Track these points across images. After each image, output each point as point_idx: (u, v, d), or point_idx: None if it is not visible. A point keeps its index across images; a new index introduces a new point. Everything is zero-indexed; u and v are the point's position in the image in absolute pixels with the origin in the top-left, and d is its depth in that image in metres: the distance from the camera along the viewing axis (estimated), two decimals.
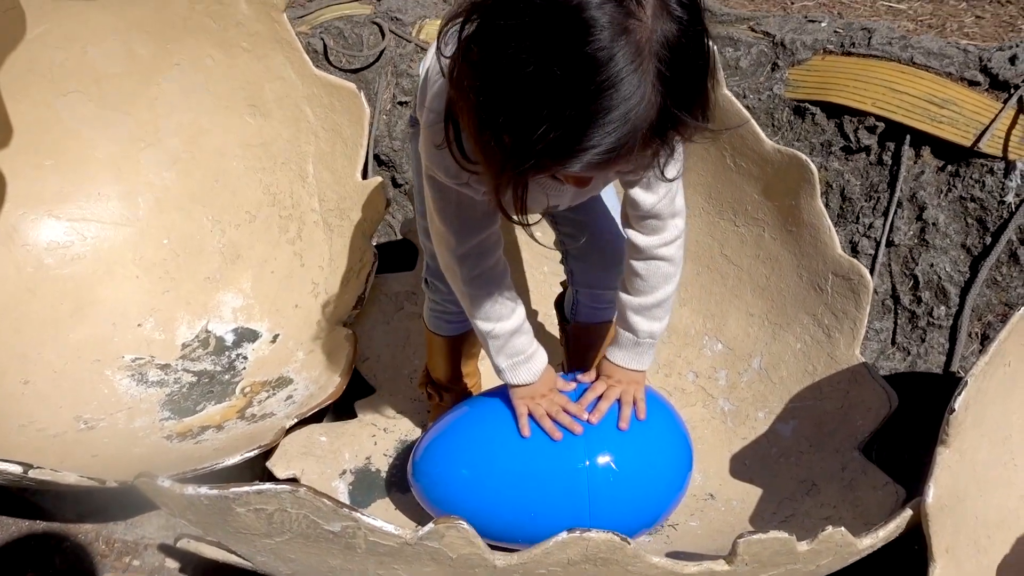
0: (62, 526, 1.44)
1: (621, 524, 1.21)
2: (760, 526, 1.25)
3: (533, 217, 0.95)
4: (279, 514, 0.82)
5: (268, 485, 0.80)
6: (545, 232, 1.37)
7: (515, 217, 0.84)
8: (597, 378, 1.21)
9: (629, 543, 0.85)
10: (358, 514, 0.81)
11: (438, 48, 0.83)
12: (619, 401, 1.18)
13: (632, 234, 1.11)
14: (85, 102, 1.65)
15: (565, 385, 1.21)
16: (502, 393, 1.21)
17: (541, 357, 1.18)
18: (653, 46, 0.73)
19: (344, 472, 1.38)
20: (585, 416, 1.16)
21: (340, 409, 1.53)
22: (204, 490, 0.81)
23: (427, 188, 1.05)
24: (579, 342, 1.41)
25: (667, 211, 1.08)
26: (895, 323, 1.62)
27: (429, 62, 1.02)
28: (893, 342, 1.62)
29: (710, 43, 0.78)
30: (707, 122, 0.81)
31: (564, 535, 0.84)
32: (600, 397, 1.18)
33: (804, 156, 1.30)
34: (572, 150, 0.75)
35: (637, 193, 1.05)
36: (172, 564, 1.41)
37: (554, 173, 0.81)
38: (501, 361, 1.16)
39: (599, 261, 1.30)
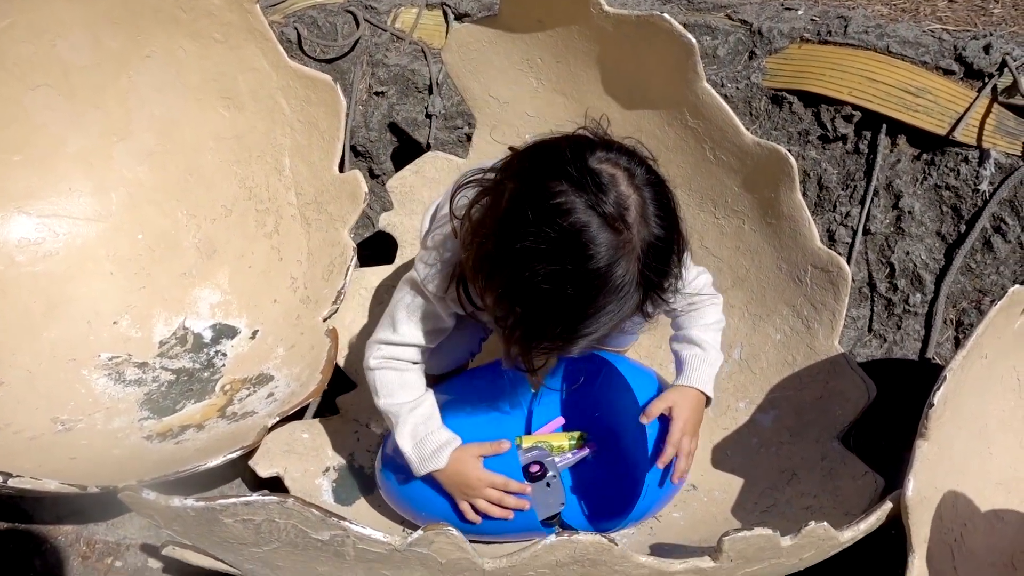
0: (41, 528, 1.42)
1: (596, 514, 1.23)
2: (742, 516, 1.26)
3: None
4: (267, 524, 0.81)
5: (255, 496, 0.80)
6: None
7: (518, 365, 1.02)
8: (666, 418, 1.17)
9: (616, 544, 0.85)
10: (347, 523, 0.81)
11: (451, 210, 1.05)
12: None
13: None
14: (54, 96, 1.61)
15: (496, 448, 1.17)
16: (468, 385, 1.21)
17: (450, 441, 1.16)
18: (637, 252, 0.93)
19: (328, 469, 1.38)
20: (527, 489, 1.16)
21: (322, 405, 1.52)
22: (190, 502, 0.80)
23: (403, 287, 1.15)
24: None
25: (697, 268, 1.25)
26: (872, 310, 1.64)
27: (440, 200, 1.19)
28: (870, 329, 1.64)
29: (681, 233, 0.99)
30: (676, 292, 1.03)
31: (552, 538, 0.85)
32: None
33: (783, 149, 1.30)
34: (572, 339, 0.95)
35: None
36: (155, 564, 1.40)
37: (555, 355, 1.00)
38: (406, 444, 1.15)
39: None
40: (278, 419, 1.34)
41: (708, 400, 1.22)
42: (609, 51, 1.40)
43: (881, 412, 1.43)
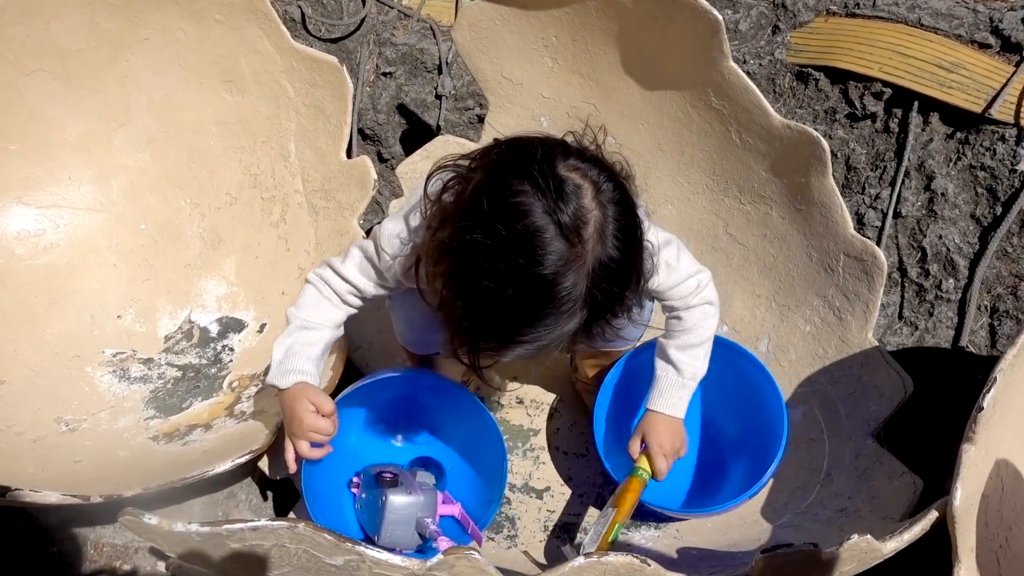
0: (48, 531, 1.38)
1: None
2: (772, 518, 1.21)
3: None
4: (277, 549, 0.76)
5: (264, 522, 0.75)
6: None
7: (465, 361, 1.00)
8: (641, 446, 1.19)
9: (649, 565, 0.80)
10: (362, 547, 0.76)
11: (424, 191, 1.02)
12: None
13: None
14: (50, 81, 1.55)
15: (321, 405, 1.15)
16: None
17: (307, 374, 1.14)
18: (588, 270, 0.89)
19: None
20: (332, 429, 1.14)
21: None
22: (195, 527, 0.75)
23: (372, 238, 1.13)
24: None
25: (691, 271, 1.15)
26: (902, 297, 1.58)
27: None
28: (900, 316, 1.57)
29: (640, 260, 0.96)
30: (630, 312, 0.98)
31: (581, 559, 0.80)
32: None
33: (815, 132, 1.23)
34: (507, 344, 0.94)
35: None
36: (163, 569, 1.36)
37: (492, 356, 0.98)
38: (277, 351, 1.15)
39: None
40: None
41: None
42: (628, 29, 1.33)
43: (913, 403, 1.37)
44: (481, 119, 1.86)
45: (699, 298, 1.15)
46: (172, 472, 1.21)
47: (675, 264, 1.12)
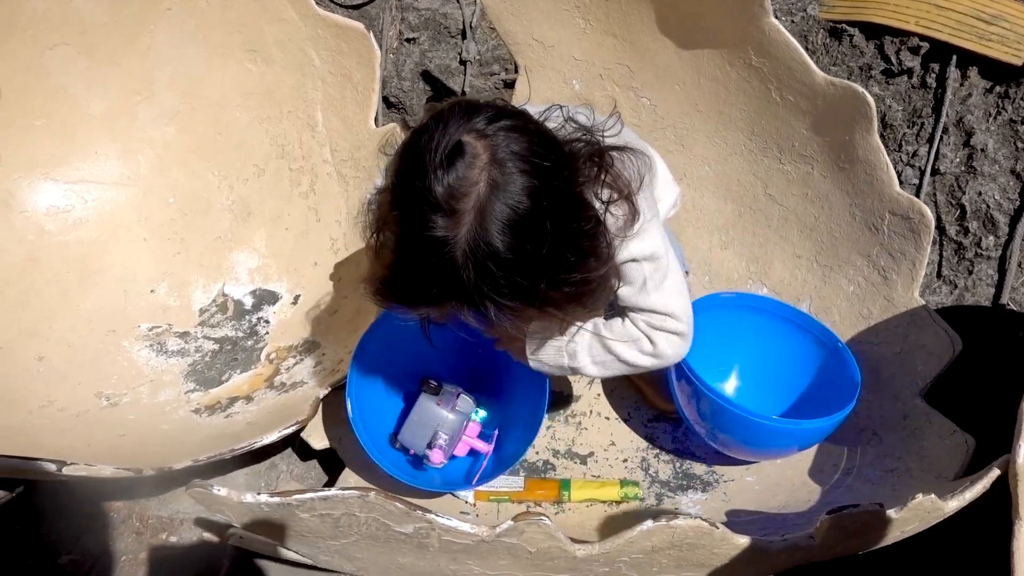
0: (91, 506, 1.39)
1: None
2: (821, 480, 1.21)
3: None
4: (346, 518, 0.76)
5: (335, 491, 0.74)
6: None
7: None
8: None
9: (718, 527, 0.80)
10: (432, 515, 0.76)
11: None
12: None
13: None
14: (73, 55, 1.53)
15: None
16: None
17: None
18: (464, 248, 0.82)
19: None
20: None
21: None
22: (264, 498, 0.75)
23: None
24: None
25: (667, 307, 1.04)
26: (940, 255, 1.56)
27: None
28: (939, 275, 1.56)
29: (532, 256, 0.84)
30: (530, 302, 0.87)
31: (649, 523, 0.79)
32: None
33: (860, 88, 1.21)
34: (410, 302, 0.89)
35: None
36: (210, 538, 1.37)
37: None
38: None
39: None
40: (329, 389, 1.29)
41: None
42: None
43: (954, 362, 1.36)
44: (508, 84, 1.84)
45: (659, 336, 1.05)
46: (218, 444, 1.20)
47: (651, 288, 1.02)
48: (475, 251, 0.82)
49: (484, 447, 1.25)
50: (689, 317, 1.05)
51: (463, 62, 1.81)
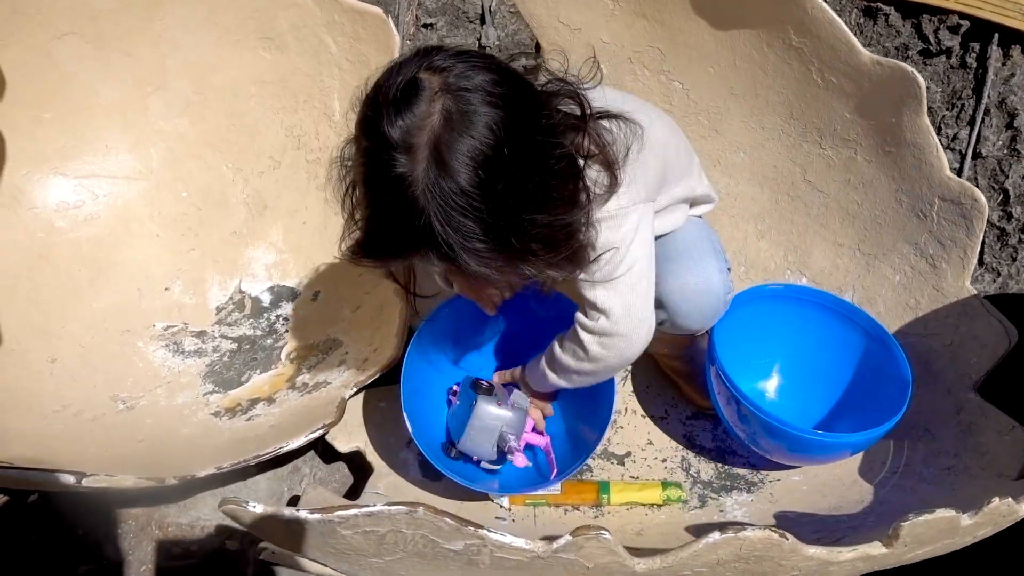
0: (110, 512, 1.34)
1: None
2: (871, 478, 1.16)
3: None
4: (392, 535, 0.71)
5: (381, 507, 0.69)
6: None
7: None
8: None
9: (788, 538, 0.75)
10: (484, 531, 0.71)
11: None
12: None
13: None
14: (82, 44, 1.47)
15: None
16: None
17: None
18: (424, 188, 0.80)
19: (411, 441, 1.28)
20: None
21: (394, 369, 1.41)
22: (304, 514, 0.70)
23: None
24: None
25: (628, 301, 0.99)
26: (983, 242, 1.50)
27: None
28: (981, 263, 1.50)
29: (493, 192, 0.80)
30: (498, 248, 0.83)
31: (716, 535, 0.74)
32: None
33: (909, 68, 1.15)
34: (382, 254, 0.88)
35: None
36: (231, 546, 1.32)
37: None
38: None
39: None
40: (355, 390, 1.24)
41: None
42: None
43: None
44: (527, 70, 1.78)
45: (588, 338, 1.01)
46: (241, 449, 1.15)
47: (599, 278, 0.95)
48: (434, 187, 0.79)
49: (541, 440, 1.21)
50: (633, 321, 0.98)
51: (482, 48, 1.75)
